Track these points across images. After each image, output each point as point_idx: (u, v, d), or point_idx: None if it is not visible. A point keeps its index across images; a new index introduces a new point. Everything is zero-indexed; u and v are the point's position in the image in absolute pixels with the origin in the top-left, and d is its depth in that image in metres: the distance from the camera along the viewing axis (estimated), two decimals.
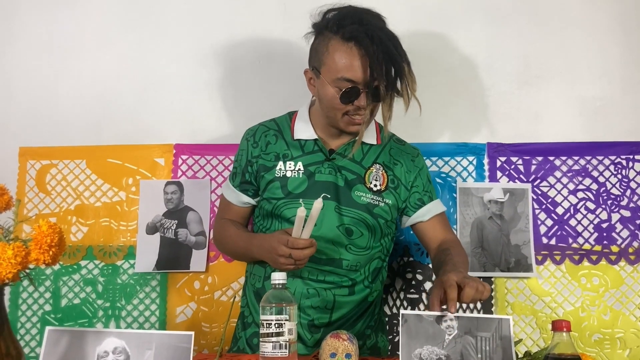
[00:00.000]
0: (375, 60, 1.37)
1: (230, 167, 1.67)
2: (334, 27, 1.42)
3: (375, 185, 1.54)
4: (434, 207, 1.61)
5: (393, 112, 1.45)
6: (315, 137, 1.56)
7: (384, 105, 1.44)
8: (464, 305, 1.90)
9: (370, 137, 1.58)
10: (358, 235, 1.51)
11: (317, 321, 1.51)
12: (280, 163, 1.54)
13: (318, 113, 1.55)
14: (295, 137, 1.57)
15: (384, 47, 1.38)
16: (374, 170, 1.55)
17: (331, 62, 1.42)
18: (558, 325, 1.05)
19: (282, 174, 1.53)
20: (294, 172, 1.53)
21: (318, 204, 1.26)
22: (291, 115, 1.63)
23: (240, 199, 1.62)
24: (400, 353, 1.12)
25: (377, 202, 1.53)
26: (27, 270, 0.95)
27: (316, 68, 1.47)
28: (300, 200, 1.40)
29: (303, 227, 1.30)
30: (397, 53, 1.40)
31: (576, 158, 1.96)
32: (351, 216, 1.50)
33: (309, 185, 1.51)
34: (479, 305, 1.90)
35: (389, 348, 1.76)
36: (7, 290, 1.95)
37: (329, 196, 1.47)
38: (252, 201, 1.61)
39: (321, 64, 1.45)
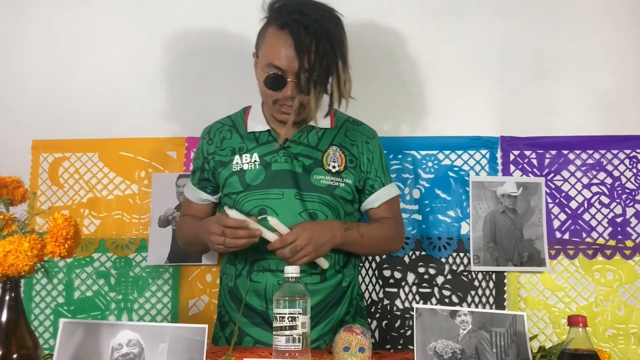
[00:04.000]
0: (304, 51, 1.37)
1: None
2: (273, 14, 1.44)
3: (334, 167, 1.55)
4: (384, 194, 1.61)
5: (323, 105, 1.48)
6: (268, 127, 1.57)
7: (311, 97, 1.43)
8: (476, 300, 1.89)
9: (324, 121, 1.58)
10: (322, 219, 1.51)
11: None
12: (237, 157, 1.56)
13: None
14: (249, 130, 1.58)
15: (317, 38, 1.38)
16: (331, 152, 1.56)
17: (265, 48, 1.45)
18: (574, 321, 1.04)
19: (239, 167, 1.55)
20: (251, 164, 1.54)
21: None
22: (245, 110, 1.65)
23: (199, 196, 1.65)
24: (415, 346, 1.12)
25: (337, 183, 1.53)
26: (43, 263, 0.95)
27: (256, 53, 1.51)
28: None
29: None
30: (329, 47, 1.39)
31: (590, 152, 1.93)
32: (313, 200, 1.51)
33: (266, 176, 1.52)
34: (491, 300, 1.89)
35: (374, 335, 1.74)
36: (21, 282, 1.97)
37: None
38: (212, 198, 1.64)
39: (258, 49, 1.49)
